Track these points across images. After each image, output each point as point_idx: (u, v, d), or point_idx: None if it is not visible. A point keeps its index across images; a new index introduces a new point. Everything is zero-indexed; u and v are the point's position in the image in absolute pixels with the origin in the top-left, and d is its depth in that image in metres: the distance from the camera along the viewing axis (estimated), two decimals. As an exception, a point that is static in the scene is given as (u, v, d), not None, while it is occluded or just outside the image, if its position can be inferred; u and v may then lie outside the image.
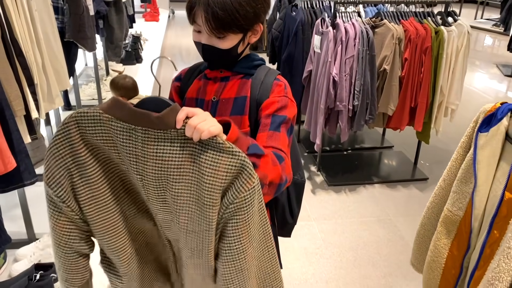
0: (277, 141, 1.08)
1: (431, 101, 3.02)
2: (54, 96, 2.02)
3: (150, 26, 7.24)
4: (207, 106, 1.19)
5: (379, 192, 3.20)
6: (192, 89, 1.24)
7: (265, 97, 1.15)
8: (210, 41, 1.09)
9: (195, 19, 1.07)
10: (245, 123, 1.16)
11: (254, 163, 0.93)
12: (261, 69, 1.21)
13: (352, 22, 2.87)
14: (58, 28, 2.41)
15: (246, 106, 1.16)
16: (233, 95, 1.18)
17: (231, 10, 1.02)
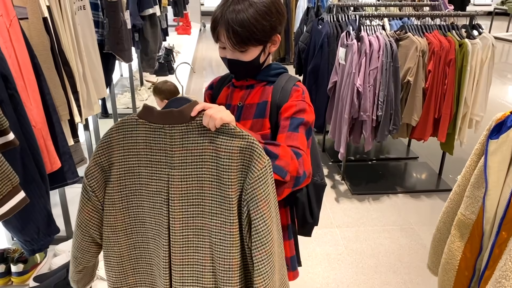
0: (296, 141, 1.17)
1: (455, 113, 3.05)
2: (93, 103, 2.19)
3: (182, 39, 7.49)
4: (233, 110, 1.31)
5: (402, 202, 3.24)
6: (221, 96, 1.37)
7: (284, 101, 1.25)
8: (234, 55, 1.21)
9: (219, 37, 1.20)
10: (265, 126, 1.27)
11: (272, 152, 1.07)
12: (282, 76, 1.32)
13: (377, 35, 2.95)
14: (97, 41, 2.59)
15: (267, 110, 1.27)
16: (257, 100, 1.29)
17: (248, 26, 1.15)
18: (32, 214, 1.48)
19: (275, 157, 1.08)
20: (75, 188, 2.71)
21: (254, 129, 1.28)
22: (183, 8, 7.18)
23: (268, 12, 1.18)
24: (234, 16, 1.14)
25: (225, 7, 1.16)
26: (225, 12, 1.16)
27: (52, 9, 1.82)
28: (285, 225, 1.40)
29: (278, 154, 1.09)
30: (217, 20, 1.18)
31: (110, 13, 2.53)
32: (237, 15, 1.14)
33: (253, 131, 1.24)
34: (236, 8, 1.15)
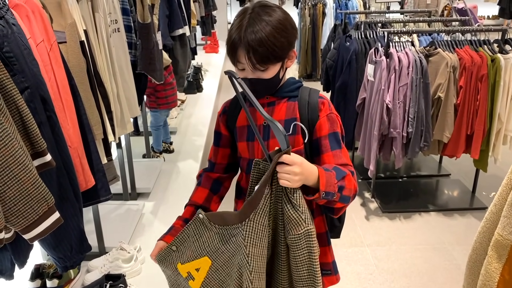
0: (343, 158, 1.25)
1: (489, 129, 2.98)
2: (126, 122, 2.24)
3: (210, 57, 7.61)
4: (259, 130, 1.30)
5: (435, 220, 3.17)
6: (241, 118, 1.35)
7: (314, 115, 1.27)
8: (255, 75, 1.22)
9: (238, 59, 1.20)
10: (298, 142, 1.27)
11: (341, 186, 1.16)
12: (303, 90, 1.33)
13: (406, 51, 2.94)
14: (131, 61, 2.67)
15: (297, 128, 1.27)
16: (283, 117, 1.29)
17: (268, 45, 1.16)
18: (65, 232, 1.51)
19: (343, 189, 1.17)
20: (108, 205, 2.78)
21: None
22: (211, 27, 7.32)
23: (284, 29, 1.20)
24: (253, 36, 1.15)
25: (242, 29, 1.18)
26: (243, 34, 1.17)
27: (89, 32, 1.89)
28: (323, 232, 1.41)
29: (345, 186, 1.17)
30: (235, 42, 1.19)
31: (142, 35, 2.61)
32: (256, 35, 1.16)
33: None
34: (254, 29, 1.16)
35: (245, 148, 1.35)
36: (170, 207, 2.86)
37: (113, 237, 2.43)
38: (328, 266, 1.41)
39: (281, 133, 1.08)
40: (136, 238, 2.53)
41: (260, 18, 1.18)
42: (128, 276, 2.20)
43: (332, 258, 1.44)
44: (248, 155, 1.35)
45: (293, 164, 1.10)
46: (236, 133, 1.36)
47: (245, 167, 1.37)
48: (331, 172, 1.17)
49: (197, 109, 4.86)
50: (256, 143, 1.32)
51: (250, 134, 1.33)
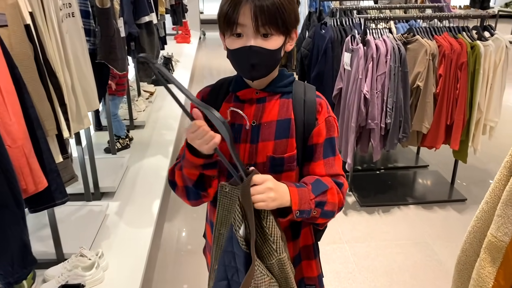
0: (334, 166, 1.13)
1: (468, 118, 2.89)
2: (83, 117, 2.03)
3: (181, 47, 7.36)
4: (246, 131, 1.13)
5: (414, 214, 3.07)
6: (222, 113, 1.15)
7: (312, 118, 1.13)
8: (256, 42, 1.03)
9: (238, 19, 1.02)
10: (291, 146, 1.12)
11: (321, 201, 1.06)
12: (297, 85, 1.17)
13: (383, 39, 2.81)
14: (89, 50, 2.44)
15: (291, 129, 1.12)
16: (275, 117, 1.12)
17: (278, 3, 1.01)
18: (4, 244, 1.32)
19: (323, 204, 1.07)
20: (68, 207, 2.56)
21: (278, 151, 1.12)
22: (182, 17, 7.06)
23: (292, 1, 1.06)
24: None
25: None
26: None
27: (36, 15, 1.67)
28: (310, 244, 1.27)
29: (326, 201, 1.08)
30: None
31: (101, 21, 2.39)
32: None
33: (277, 153, 1.11)
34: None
35: (227, 149, 1.16)
36: (137, 207, 2.66)
37: (73, 242, 2.22)
38: (313, 280, 1.27)
39: (219, 121, 0.93)
40: (100, 242, 2.33)
41: None
42: (89, 285, 2.01)
43: (319, 271, 1.29)
44: (228, 158, 1.14)
45: (266, 180, 1.00)
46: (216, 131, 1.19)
47: (224, 171, 1.16)
48: (304, 188, 1.05)
49: (167, 101, 4.64)
50: (242, 146, 1.13)
51: (236, 134, 1.14)
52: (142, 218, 2.57)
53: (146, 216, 2.58)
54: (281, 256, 1.02)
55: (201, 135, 0.99)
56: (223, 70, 7.17)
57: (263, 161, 1.13)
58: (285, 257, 1.03)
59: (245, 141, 1.13)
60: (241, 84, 1.16)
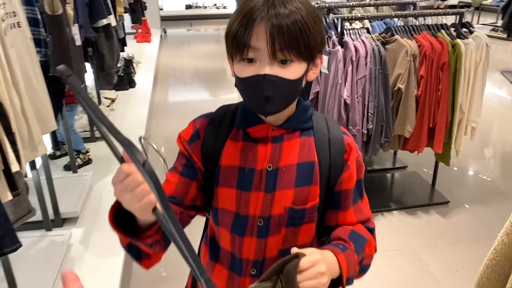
0: (364, 211, 1.00)
1: (451, 120, 2.79)
2: (37, 143, 1.77)
3: (142, 47, 7.03)
4: (260, 177, 0.92)
5: (398, 220, 2.96)
6: (229, 154, 0.94)
7: (339, 161, 0.94)
8: (272, 70, 0.82)
9: (251, 42, 0.81)
10: (314, 195, 0.93)
11: (362, 258, 0.92)
12: (317, 118, 0.97)
13: (362, 40, 2.65)
14: (41, 62, 2.17)
15: (315, 174, 0.93)
16: (296, 160, 0.93)
17: (301, 23, 0.80)
18: None
19: (362, 260, 0.94)
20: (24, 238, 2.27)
21: (299, 200, 0.92)
22: (141, 15, 6.73)
23: (319, 19, 0.85)
24: (284, 11, 0.80)
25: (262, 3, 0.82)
26: (269, 3, 0.81)
27: (-29, 30, 1.41)
28: None
29: (365, 255, 0.94)
30: (254, 12, 0.81)
31: (53, 29, 2.11)
32: (288, 10, 0.80)
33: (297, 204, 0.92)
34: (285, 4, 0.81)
35: (232, 198, 0.94)
36: (104, 232, 2.40)
37: (31, 283, 1.96)
38: None
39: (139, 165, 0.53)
40: (63, 278, 2.07)
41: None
42: (52, 334, 1.76)
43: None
44: (235, 209, 0.94)
45: (315, 264, 0.79)
46: (218, 174, 0.94)
47: (228, 224, 0.96)
48: (349, 250, 0.89)
49: (131, 107, 4.36)
50: (254, 195, 0.92)
51: (245, 181, 0.93)
52: (110, 245, 2.31)
53: (115, 242, 2.33)
54: None
55: (130, 187, 0.69)
56: (187, 70, 6.89)
57: (280, 213, 0.93)
58: None
59: (258, 189, 0.92)
60: (250, 117, 0.93)
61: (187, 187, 0.95)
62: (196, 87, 6.16)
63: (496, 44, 7.91)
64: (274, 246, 0.96)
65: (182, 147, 0.97)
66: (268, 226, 0.94)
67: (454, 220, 2.94)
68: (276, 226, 0.93)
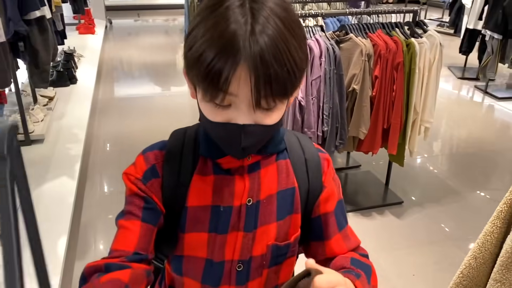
0: (352, 237, 0.87)
1: (405, 121, 2.75)
2: None
3: (85, 39, 6.61)
4: (239, 214, 0.78)
5: (353, 223, 2.86)
6: (198, 192, 0.78)
7: (317, 182, 0.83)
8: (252, 118, 0.67)
9: (229, 89, 0.62)
10: (296, 225, 0.82)
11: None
12: (289, 137, 0.84)
13: (316, 38, 2.54)
14: (-44, 62, 1.90)
15: (296, 202, 0.81)
16: (275, 189, 0.80)
17: (290, 63, 0.62)
18: None
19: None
20: None
21: (281, 235, 0.80)
22: (83, 4, 6.32)
23: (301, 29, 0.67)
24: (267, 41, 0.60)
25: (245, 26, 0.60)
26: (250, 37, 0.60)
27: None
28: None
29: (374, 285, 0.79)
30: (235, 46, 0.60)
31: (-30, 24, 1.85)
32: (269, 38, 0.61)
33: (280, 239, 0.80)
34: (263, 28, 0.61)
35: (202, 244, 0.79)
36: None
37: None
38: None
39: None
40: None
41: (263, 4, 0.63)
42: None
43: None
44: (206, 255, 0.79)
45: (337, 286, 0.62)
46: (185, 218, 0.78)
47: (198, 274, 0.81)
48: (362, 277, 0.75)
49: (71, 106, 4.05)
50: (231, 237, 0.78)
51: (221, 223, 0.78)
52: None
53: (50, 259, 2.11)
54: None
55: None
56: (135, 63, 6.57)
57: (263, 253, 0.80)
58: None
59: (237, 229, 0.78)
60: (214, 143, 0.75)
61: (150, 236, 0.77)
62: (145, 81, 5.85)
63: (443, 39, 8.12)
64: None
65: (134, 187, 0.78)
66: (248, 270, 0.81)
67: (408, 221, 2.91)
68: (258, 268, 0.81)
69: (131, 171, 0.79)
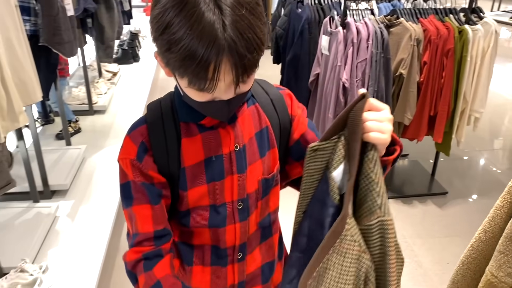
0: None
1: (453, 109, 2.70)
2: (18, 113, 1.74)
3: (151, 21, 6.93)
4: (230, 160, 0.87)
5: (393, 209, 2.87)
6: (190, 153, 0.86)
7: (286, 116, 0.94)
8: (234, 93, 0.75)
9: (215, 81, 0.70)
10: (275, 158, 0.93)
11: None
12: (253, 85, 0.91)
13: (365, 21, 2.55)
14: (31, 31, 2.13)
15: (271, 138, 0.92)
16: (253, 131, 0.91)
17: (256, 42, 0.70)
18: None
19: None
20: (8, 209, 2.27)
21: (266, 169, 0.92)
22: (151, -12, 6.63)
23: (261, 11, 0.74)
24: (237, 33, 0.67)
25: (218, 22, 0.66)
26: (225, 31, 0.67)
27: None
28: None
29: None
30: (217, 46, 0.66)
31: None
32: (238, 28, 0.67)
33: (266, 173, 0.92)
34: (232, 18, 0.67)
35: (204, 195, 0.88)
36: (93, 207, 2.40)
37: (14, 252, 1.96)
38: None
39: None
40: (46, 251, 2.07)
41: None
42: (29, 306, 1.77)
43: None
44: (208, 202, 0.88)
45: (383, 108, 0.74)
46: (185, 178, 0.87)
47: (204, 220, 0.89)
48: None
49: (133, 82, 4.32)
50: (228, 181, 0.88)
51: (216, 171, 0.87)
52: (98, 219, 2.31)
53: (102, 217, 2.33)
54: (385, 218, 0.71)
55: None
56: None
57: (255, 188, 0.91)
58: (391, 221, 0.71)
59: (231, 173, 0.88)
60: (192, 108, 0.82)
61: (162, 211, 0.87)
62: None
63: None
64: (254, 222, 0.94)
65: (130, 171, 0.84)
66: (247, 206, 0.91)
67: (451, 212, 2.87)
68: (254, 202, 0.92)
69: (123, 154, 0.85)
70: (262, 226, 0.97)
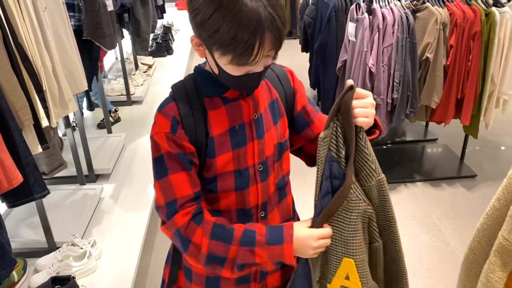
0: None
1: (480, 92, 2.72)
2: (67, 101, 1.91)
3: (182, 15, 7.11)
4: (251, 127, 1.01)
5: (421, 192, 2.95)
6: (217, 123, 0.98)
7: (289, 88, 1.10)
8: (265, 63, 0.90)
9: (259, 57, 0.84)
10: (285, 125, 1.09)
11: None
12: None
13: (390, 7, 2.61)
14: (75, 27, 2.30)
15: (281, 108, 1.08)
16: (266, 102, 1.05)
17: (285, 20, 0.87)
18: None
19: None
20: (60, 191, 2.48)
21: (279, 134, 1.06)
22: (182, -18, 6.79)
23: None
24: (274, 11, 0.82)
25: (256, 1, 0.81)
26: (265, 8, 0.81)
27: (3, -6, 1.53)
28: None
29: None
30: (261, 21, 0.80)
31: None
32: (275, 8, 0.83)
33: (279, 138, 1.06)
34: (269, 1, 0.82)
35: (229, 161, 0.99)
36: (133, 189, 2.57)
37: (65, 229, 2.15)
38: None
39: None
40: (93, 228, 2.26)
41: None
42: (80, 275, 1.95)
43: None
44: (233, 167, 1.01)
45: (368, 95, 0.94)
46: (213, 146, 0.98)
47: (231, 184, 1.01)
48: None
49: (167, 74, 4.49)
50: (250, 146, 1.00)
51: (240, 138, 0.99)
52: (138, 200, 2.48)
53: (142, 198, 2.50)
54: (380, 177, 0.98)
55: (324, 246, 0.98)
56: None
57: (272, 152, 1.05)
58: (384, 178, 0.99)
59: (251, 139, 1.01)
60: (218, 84, 0.97)
61: (196, 176, 0.98)
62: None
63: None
64: (272, 183, 1.07)
65: (166, 143, 0.94)
66: (267, 168, 1.04)
67: (479, 194, 2.90)
68: (271, 164, 1.05)
69: (157, 129, 0.95)
70: (279, 187, 1.09)
